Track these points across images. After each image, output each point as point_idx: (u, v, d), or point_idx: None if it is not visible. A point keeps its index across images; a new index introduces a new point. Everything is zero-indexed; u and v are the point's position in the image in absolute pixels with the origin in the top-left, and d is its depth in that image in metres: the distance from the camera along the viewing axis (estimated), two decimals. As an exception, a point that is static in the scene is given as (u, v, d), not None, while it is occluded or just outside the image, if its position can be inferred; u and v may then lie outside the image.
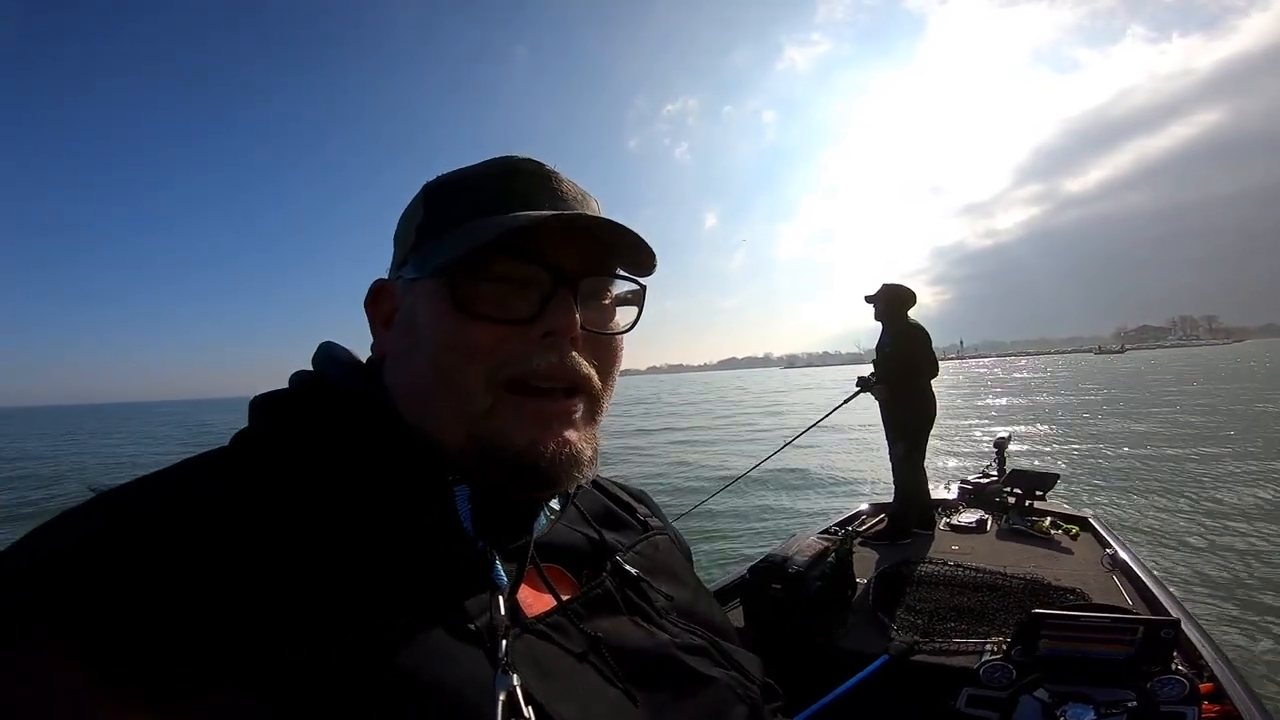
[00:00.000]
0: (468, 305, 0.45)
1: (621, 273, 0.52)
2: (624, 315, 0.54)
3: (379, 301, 0.54)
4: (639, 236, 0.48)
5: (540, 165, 0.52)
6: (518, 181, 0.50)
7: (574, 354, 0.47)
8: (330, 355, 0.55)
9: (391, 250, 0.56)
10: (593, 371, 0.49)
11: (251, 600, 0.36)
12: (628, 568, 0.56)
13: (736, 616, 2.25)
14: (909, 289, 3.78)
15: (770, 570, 2.19)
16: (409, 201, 0.55)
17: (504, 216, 0.47)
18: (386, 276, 0.55)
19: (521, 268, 0.46)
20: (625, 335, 0.53)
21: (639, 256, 0.50)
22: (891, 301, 3.74)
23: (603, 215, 0.51)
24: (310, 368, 0.55)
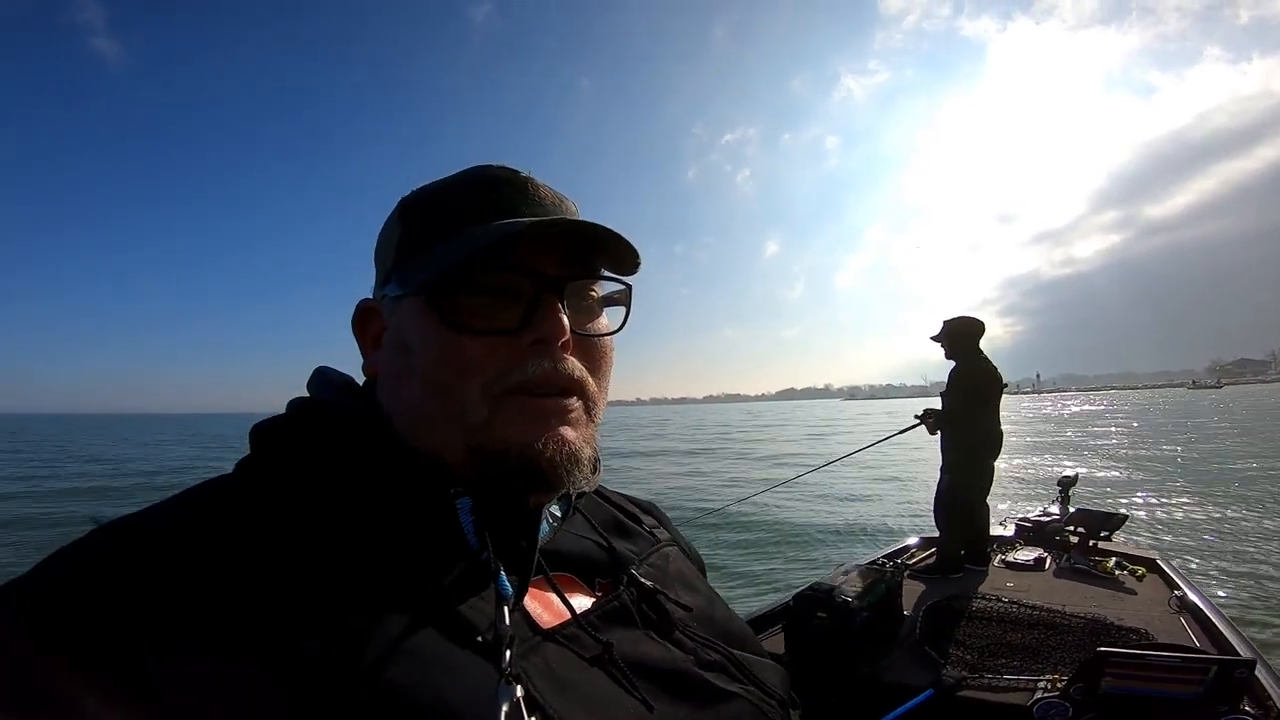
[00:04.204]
0: (455, 320, 0.46)
1: (606, 273, 0.52)
2: (612, 315, 0.54)
3: (366, 322, 0.54)
4: (620, 235, 0.47)
5: (515, 173, 0.52)
6: (494, 191, 0.50)
7: (567, 358, 0.47)
8: (325, 379, 0.55)
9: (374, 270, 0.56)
10: (586, 374, 0.49)
11: (252, 615, 0.36)
12: (644, 580, 0.55)
13: (777, 643, 2.23)
14: (974, 320, 3.63)
15: (816, 599, 2.15)
16: (385, 218, 0.54)
17: (483, 227, 0.47)
18: (371, 297, 0.55)
19: (505, 277, 0.47)
20: (618, 335, 0.54)
21: (622, 255, 0.50)
22: (956, 337, 3.61)
23: (580, 218, 0.51)
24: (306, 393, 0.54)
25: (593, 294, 0.52)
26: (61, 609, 0.35)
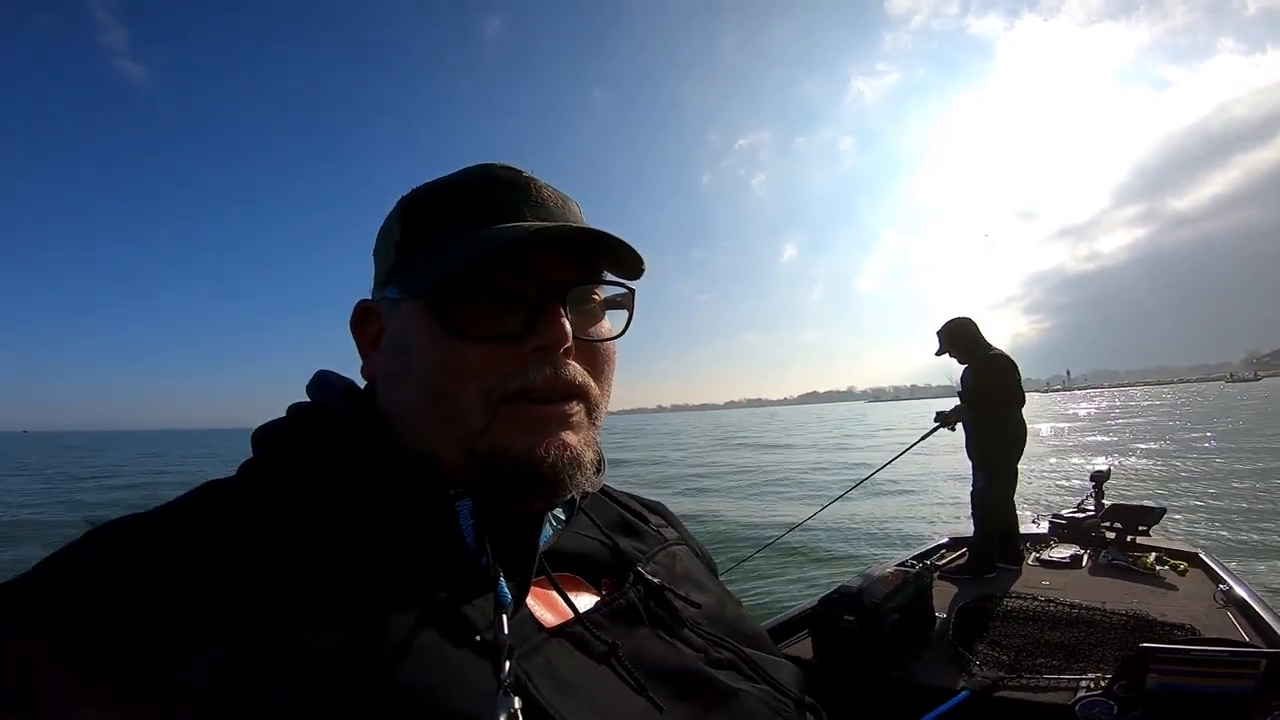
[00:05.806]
0: (456, 326, 0.45)
1: (610, 277, 0.52)
2: (615, 318, 0.53)
3: (365, 323, 0.53)
4: (623, 240, 0.47)
5: (518, 173, 0.51)
6: (496, 192, 0.49)
7: (569, 363, 0.47)
8: (325, 383, 0.54)
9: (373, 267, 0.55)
10: (589, 379, 0.49)
11: (253, 616, 0.36)
12: (651, 578, 0.54)
13: (805, 648, 2.18)
14: (964, 318, 3.66)
15: (843, 602, 2.11)
16: (386, 216, 0.54)
17: (485, 231, 0.46)
18: (370, 297, 0.54)
19: (507, 282, 0.46)
20: (620, 339, 0.53)
21: (626, 259, 0.49)
22: (956, 337, 3.62)
23: (585, 223, 0.50)
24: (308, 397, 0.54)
25: (595, 297, 0.51)
26: (59, 610, 0.34)
